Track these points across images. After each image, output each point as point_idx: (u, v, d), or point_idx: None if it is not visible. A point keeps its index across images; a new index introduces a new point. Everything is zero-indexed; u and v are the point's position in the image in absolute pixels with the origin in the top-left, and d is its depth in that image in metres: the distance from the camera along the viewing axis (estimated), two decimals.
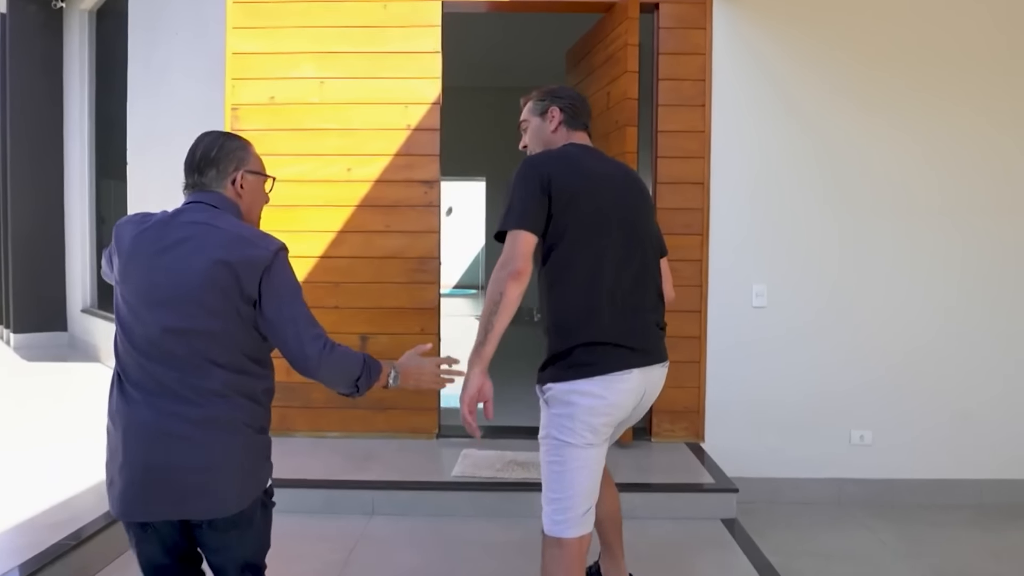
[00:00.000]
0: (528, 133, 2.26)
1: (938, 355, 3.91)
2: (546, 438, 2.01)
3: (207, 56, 4.21)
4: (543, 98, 2.23)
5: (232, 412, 1.64)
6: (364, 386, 1.75)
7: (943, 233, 3.89)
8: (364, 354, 1.76)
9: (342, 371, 1.71)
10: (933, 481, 3.93)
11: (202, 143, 1.80)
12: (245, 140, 1.86)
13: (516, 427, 4.27)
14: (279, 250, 1.68)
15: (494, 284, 1.90)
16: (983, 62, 3.85)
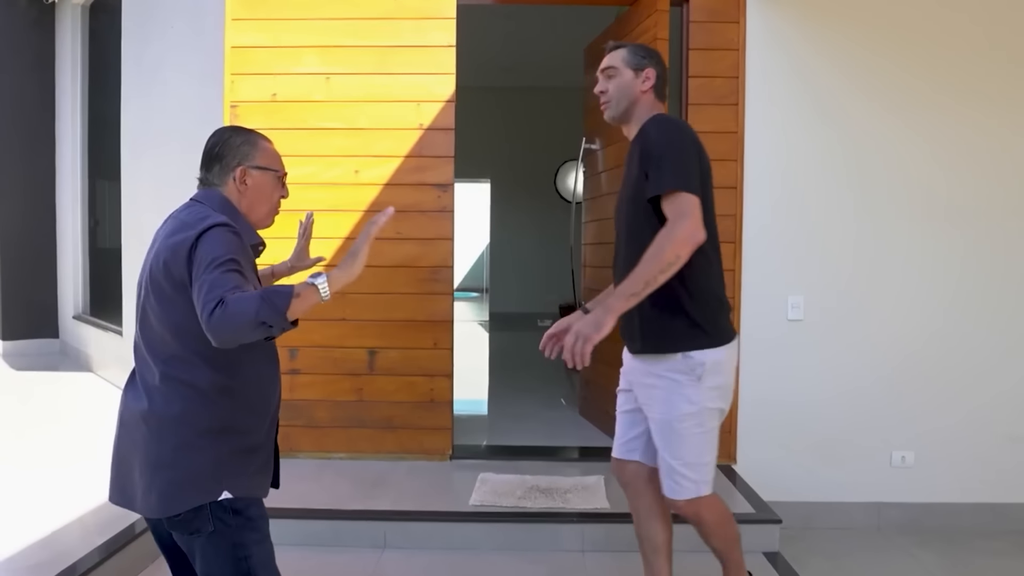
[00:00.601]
0: (613, 83, 2.12)
1: (985, 374, 3.67)
2: (698, 413, 2.02)
3: (204, 51, 3.95)
4: (643, 55, 2.13)
5: (168, 407, 1.58)
6: (273, 317, 1.44)
7: (992, 243, 3.65)
8: (263, 289, 1.48)
9: (239, 323, 1.43)
10: (977, 505, 3.70)
11: (211, 138, 1.77)
12: (256, 135, 1.75)
13: (531, 447, 4.05)
14: (209, 227, 1.56)
15: (675, 244, 1.84)
16: (1016, 63, 3.62)
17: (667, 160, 1.92)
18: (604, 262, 4.24)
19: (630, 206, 2.07)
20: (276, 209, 1.84)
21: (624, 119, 2.16)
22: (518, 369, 6.67)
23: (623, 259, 2.10)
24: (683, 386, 2.01)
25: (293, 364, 3.70)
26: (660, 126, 2.00)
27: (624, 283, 1.87)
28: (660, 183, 1.91)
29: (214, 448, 1.60)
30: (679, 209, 1.88)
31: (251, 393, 1.66)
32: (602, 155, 4.28)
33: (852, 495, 3.70)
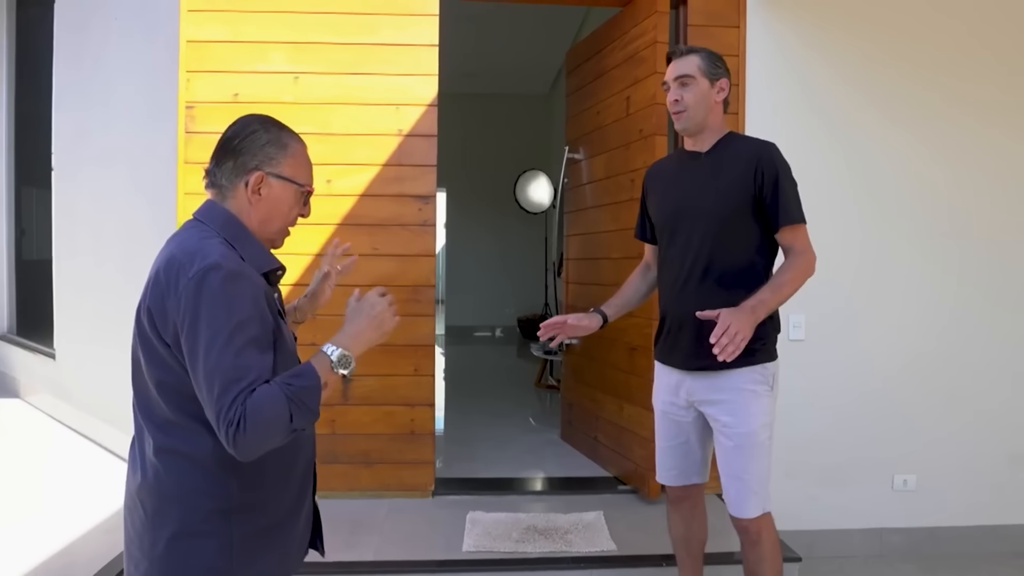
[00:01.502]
0: (690, 93, 2.07)
1: (990, 393, 3.57)
2: (771, 424, 2.05)
3: (154, 45, 3.55)
4: (719, 63, 2.11)
5: (163, 484, 1.28)
6: (307, 419, 1.24)
7: (996, 260, 3.55)
8: (283, 382, 1.22)
9: (268, 438, 1.20)
10: (980, 528, 3.59)
11: (231, 126, 1.43)
12: (287, 134, 1.42)
13: (518, 479, 3.79)
14: (203, 271, 1.23)
15: (807, 274, 2.01)
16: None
17: (794, 192, 2.05)
18: (589, 278, 4.00)
19: (723, 218, 2.06)
20: (289, 229, 1.49)
21: (697, 131, 2.13)
22: (482, 387, 6.38)
23: (702, 262, 2.08)
24: (761, 397, 2.04)
25: None
26: (779, 155, 2.07)
27: (770, 296, 1.92)
28: (791, 215, 2.02)
29: (222, 533, 1.30)
30: (806, 241, 2.05)
31: (266, 461, 1.30)
32: (586, 165, 4.04)
33: (854, 521, 3.56)
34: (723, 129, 2.15)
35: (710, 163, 2.11)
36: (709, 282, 2.05)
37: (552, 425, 4.92)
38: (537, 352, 6.00)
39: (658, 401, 2.27)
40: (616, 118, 3.61)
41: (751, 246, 2.05)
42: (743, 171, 2.04)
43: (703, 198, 2.09)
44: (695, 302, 2.01)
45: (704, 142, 2.14)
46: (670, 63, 2.12)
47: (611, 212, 3.68)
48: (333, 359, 1.29)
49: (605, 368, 3.75)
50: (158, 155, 3.51)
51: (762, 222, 2.05)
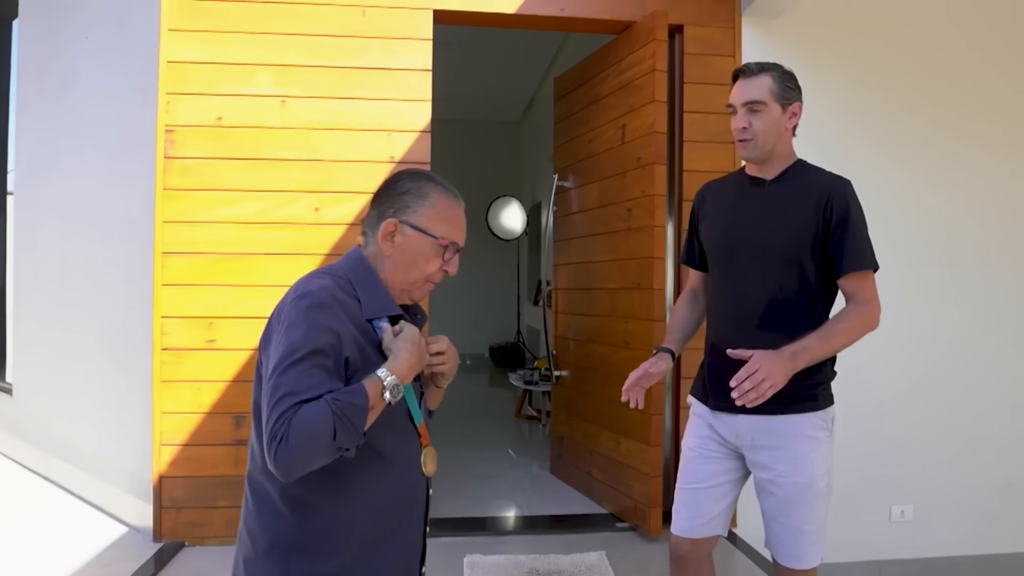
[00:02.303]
0: (760, 120, 1.90)
1: (987, 423, 3.57)
2: (830, 471, 1.94)
3: (130, 64, 3.38)
4: (793, 86, 1.94)
5: (247, 509, 1.35)
6: (350, 438, 1.19)
7: (990, 287, 3.58)
8: (332, 397, 1.19)
9: (312, 451, 1.17)
10: (975, 557, 3.58)
11: (387, 178, 1.46)
12: (434, 187, 1.38)
13: (511, 517, 3.65)
14: (295, 299, 1.28)
15: (868, 326, 1.88)
16: (1018, 106, 3.61)
17: (865, 237, 1.89)
18: (580, 309, 3.92)
19: (787, 255, 1.91)
20: (429, 283, 1.43)
21: (764, 159, 1.96)
22: (460, 418, 6.22)
23: (761, 301, 1.93)
24: (821, 444, 1.92)
25: (239, 434, 3.15)
26: (853, 193, 1.91)
27: (817, 344, 1.80)
28: (860, 260, 1.88)
29: (277, 568, 1.29)
30: (872, 290, 1.90)
31: (339, 509, 1.29)
32: (577, 194, 3.97)
33: (853, 554, 3.51)
34: (791, 156, 1.99)
35: (776, 193, 1.95)
36: (765, 321, 1.90)
37: (536, 457, 4.80)
38: (517, 382, 5.88)
39: (694, 439, 2.07)
40: (611, 146, 3.55)
41: (813, 288, 1.90)
42: (812, 207, 1.88)
43: (767, 232, 1.93)
44: (752, 343, 1.85)
45: (770, 169, 1.97)
46: (736, 81, 1.95)
47: (606, 241, 3.60)
48: (386, 384, 1.24)
49: (599, 401, 3.65)
50: (133, 181, 3.33)
51: (825, 264, 1.89)
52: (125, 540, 3.24)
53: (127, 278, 3.39)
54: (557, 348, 4.17)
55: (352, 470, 1.30)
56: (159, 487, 3.12)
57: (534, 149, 8.60)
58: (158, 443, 3.12)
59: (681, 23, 3.36)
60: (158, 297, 3.12)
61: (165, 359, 3.12)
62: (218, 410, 3.14)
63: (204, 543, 3.13)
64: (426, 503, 1.45)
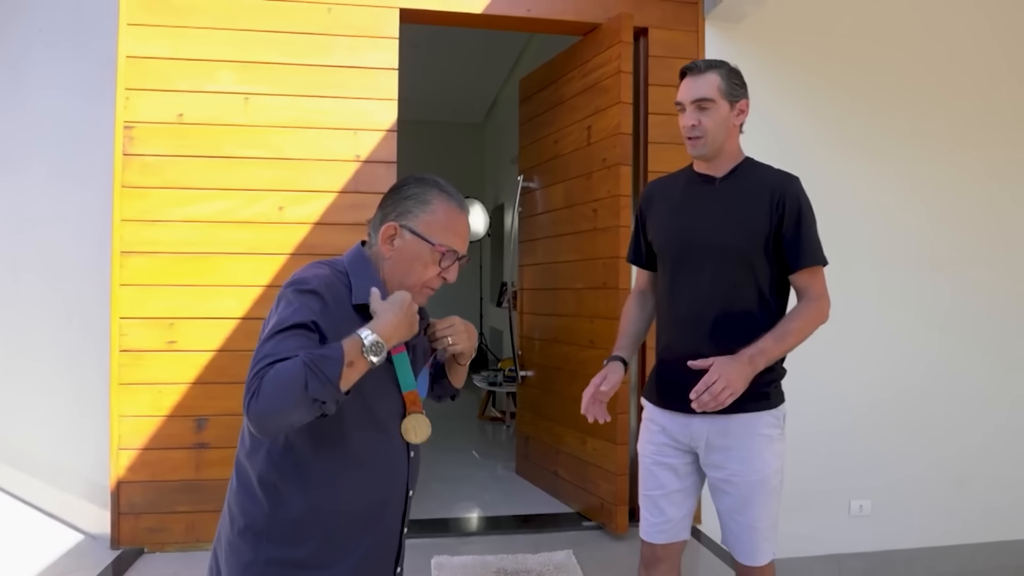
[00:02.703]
0: (709, 118, 1.90)
1: (934, 416, 3.68)
2: (783, 468, 1.94)
3: (85, 59, 3.29)
4: (739, 83, 1.94)
5: (231, 490, 1.38)
6: (322, 388, 1.16)
7: (941, 287, 3.69)
8: (305, 351, 1.19)
9: (283, 400, 1.15)
10: (931, 549, 3.69)
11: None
12: (436, 194, 1.40)
13: (478, 518, 3.64)
14: (288, 284, 1.32)
15: (819, 321, 1.90)
16: (981, 111, 3.74)
17: (816, 233, 1.92)
18: (545, 309, 3.93)
19: (738, 254, 1.91)
20: (430, 289, 1.44)
21: (713, 156, 1.96)
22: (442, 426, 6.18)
23: (714, 301, 1.92)
24: (774, 441, 1.93)
25: (200, 437, 3.08)
26: (803, 190, 1.94)
27: (773, 345, 1.81)
28: (814, 256, 1.91)
29: (249, 551, 1.31)
30: (823, 286, 1.92)
31: (309, 500, 1.31)
32: (542, 195, 3.99)
33: (813, 549, 3.58)
34: (740, 154, 1.99)
35: (726, 191, 1.95)
36: (719, 322, 1.89)
37: (501, 458, 4.80)
38: (481, 384, 5.87)
39: (649, 446, 2.04)
40: (576, 147, 3.58)
41: (765, 286, 1.90)
42: (763, 204, 1.89)
43: (717, 230, 1.92)
44: (705, 343, 1.87)
45: (719, 167, 1.97)
46: (684, 78, 1.94)
47: (572, 242, 3.62)
48: (366, 342, 1.23)
49: (565, 401, 3.66)
50: (89, 178, 3.23)
51: (778, 261, 1.90)
52: (81, 548, 3.15)
53: (84, 278, 3.29)
54: (522, 348, 4.18)
55: (325, 463, 1.31)
56: (117, 492, 3.04)
57: (497, 151, 8.61)
58: (116, 447, 3.04)
59: (646, 26, 3.40)
60: (116, 297, 3.04)
61: (123, 361, 3.04)
62: (179, 413, 3.07)
63: (164, 549, 3.06)
64: (404, 505, 1.45)
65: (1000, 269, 3.76)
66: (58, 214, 3.47)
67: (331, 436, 1.31)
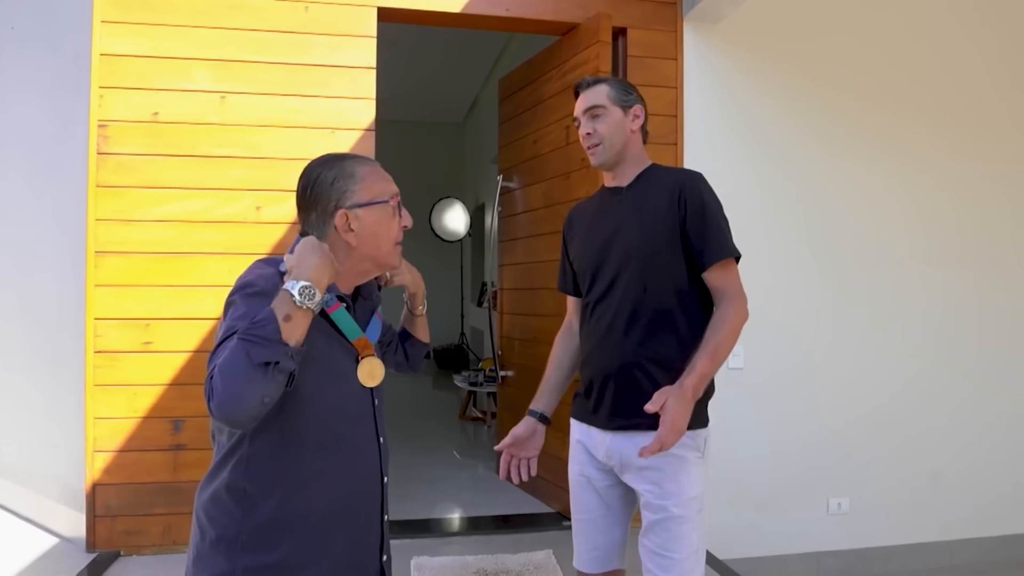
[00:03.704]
0: (603, 124, 1.88)
1: (911, 415, 3.72)
2: (702, 495, 1.80)
3: (59, 57, 3.25)
4: (629, 90, 1.94)
5: (199, 502, 1.34)
6: (263, 349, 1.13)
7: (920, 289, 3.73)
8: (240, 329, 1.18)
9: (235, 380, 1.12)
10: (906, 546, 3.72)
11: (300, 180, 1.42)
12: (349, 162, 1.38)
13: (458, 519, 3.63)
14: (235, 289, 1.30)
15: (741, 313, 1.77)
16: (963, 112, 3.78)
17: (723, 225, 1.83)
18: (525, 308, 3.93)
19: (647, 256, 1.83)
20: (398, 245, 1.45)
21: (614, 163, 1.91)
22: (404, 421, 6.17)
23: (627, 307, 1.84)
24: (690, 464, 1.78)
25: (177, 439, 3.05)
26: (706, 185, 1.86)
27: (708, 365, 1.67)
28: (719, 249, 1.80)
29: (226, 558, 1.28)
30: (737, 283, 1.82)
31: (281, 501, 1.29)
32: (521, 194, 3.99)
33: (792, 546, 3.61)
34: (644, 161, 1.95)
35: (631, 198, 1.90)
36: (636, 329, 1.81)
37: (481, 459, 4.79)
38: (462, 384, 5.86)
39: (575, 465, 1.96)
40: (555, 147, 3.58)
41: (680, 286, 1.81)
42: (666, 203, 1.82)
43: (625, 237, 1.86)
44: (620, 352, 1.82)
45: (624, 176, 1.93)
46: (578, 97, 1.95)
47: (551, 242, 3.62)
48: (294, 291, 1.20)
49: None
50: (62, 177, 3.20)
51: (689, 259, 1.82)
52: (56, 551, 3.10)
53: (57, 278, 3.25)
54: (502, 348, 4.18)
55: (292, 462, 1.30)
56: (92, 495, 3.00)
57: (477, 150, 8.61)
58: (91, 449, 3.00)
59: (624, 26, 3.41)
60: (91, 298, 3.00)
61: (98, 362, 3.01)
62: (155, 414, 3.04)
63: (140, 552, 3.02)
64: (381, 493, 1.43)
65: (986, 271, 3.81)
66: (32, 213, 3.42)
67: (296, 435, 1.30)
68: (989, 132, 3.82)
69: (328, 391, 1.34)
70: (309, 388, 1.28)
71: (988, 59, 3.83)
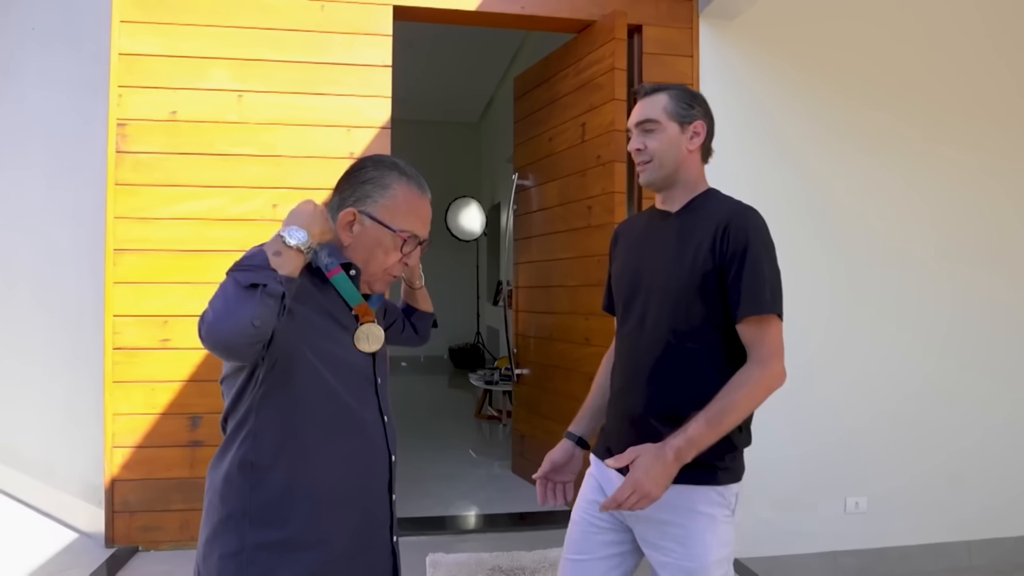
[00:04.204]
0: (655, 140, 1.67)
1: (929, 413, 3.67)
2: (729, 556, 1.62)
3: (79, 56, 3.29)
4: (689, 103, 1.70)
5: (210, 487, 1.33)
6: (255, 275, 1.15)
7: (934, 286, 3.68)
8: None
9: (226, 305, 1.12)
10: (925, 546, 3.68)
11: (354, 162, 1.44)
12: (396, 177, 1.36)
13: (474, 516, 3.64)
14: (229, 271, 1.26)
15: (771, 379, 1.56)
16: (976, 110, 3.72)
17: (766, 274, 1.58)
18: (540, 307, 3.93)
19: (679, 299, 1.63)
20: (390, 276, 1.42)
21: (665, 185, 1.71)
22: (420, 419, 6.19)
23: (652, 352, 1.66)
24: (718, 523, 1.60)
25: (194, 435, 3.08)
26: (756, 224, 1.62)
27: (705, 431, 1.50)
28: (756, 303, 1.56)
29: (236, 535, 1.27)
30: (773, 343, 1.57)
31: (287, 475, 1.28)
32: (537, 192, 3.98)
33: (810, 545, 3.57)
34: (700, 185, 1.73)
35: (677, 228, 1.69)
36: (660, 378, 1.64)
37: (497, 457, 4.79)
38: (478, 382, 5.86)
39: (583, 502, 1.78)
40: (571, 144, 3.57)
41: (715, 336, 1.62)
42: (709, 240, 1.61)
43: (661, 273, 1.68)
44: (642, 402, 1.65)
45: (674, 200, 1.72)
46: (635, 104, 1.75)
47: (566, 239, 3.62)
48: (283, 232, 1.23)
49: (560, 399, 3.66)
50: (83, 176, 3.23)
51: (727, 307, 1.61)
52: (76, 546, 3.14)
53: (77, 276, 3.29)
54: (518, 346, 4.18)
55: (299, 433, 1.29)
56: (111, 491, 3.03)
57: (493, 150, 8.61)
58: (110, 445, 3.03)
59: (640, 23, 3.40)
60: (110, 295, 3.04)
61: (117, 359, 3.04)
62: (172, 411, 3.06)
63: (158, 547, 3.05)
64: (389, 468, 1.42)
65: (999, 270, 3.76)
66: (52, 212, 3.47)
67: (299, 409, 1.29)
68: (1012, 129, 3.77)
69: (329, 363, 1.32)
70: (309, 363, 1.28)
71: (1009, 56, 3.78)
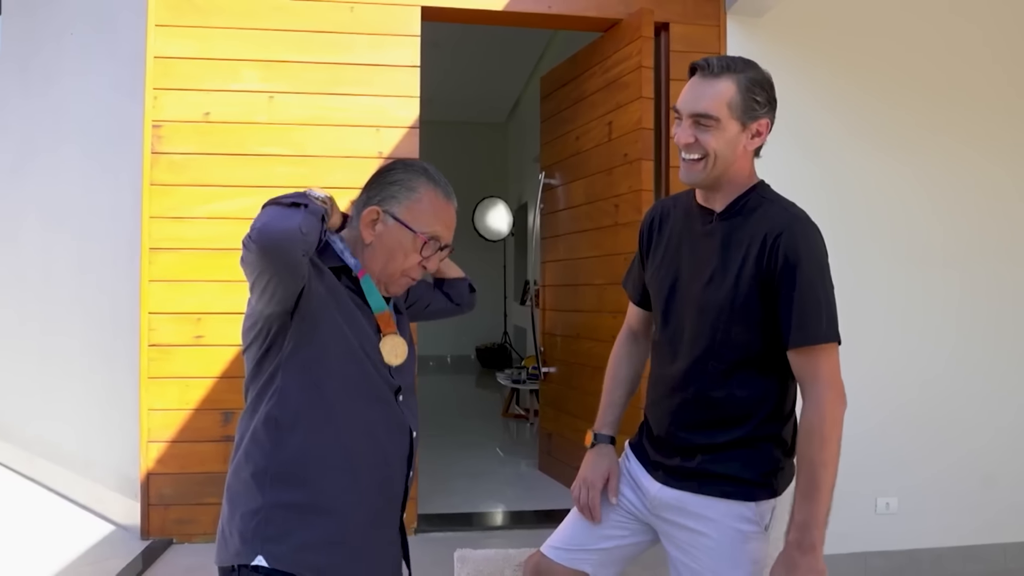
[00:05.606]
0: (711, 139, 1.45)
1: (962, 413, 3.62)
2: (760, 572, 1.54)
3: (115, 60, 3.37)
4: (761, 98, 1.47)
5: (236, 452, 1.35)
6: (291, 199, 1.24)
7: (963, 283, 3.62)
8: None
9: (272, 214, 1.20)
10: (957, 548, 3.62)
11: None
12: (423, 180, 1.38)
13: (501, 512, 3.66)
14: None
15: (836, 416, 1.44)
16: (1001, 109, 3.66)
17: (818, 296, 1.43)
18: (568, 305, 3.94)
19: (725, 316, 1.49)
20: (410, 278, 1.43)
21: (710, 186, 1.53)
22: (448, 418, 6.23)
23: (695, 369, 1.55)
24: (749, 539, 1.51)
25: (227, 430, 3.14)
26: (808, 238, 1.45)
27: (814, 508, 1.42)
28: (816, 332, 1.42)
29: (258, 495, 1.29)
30: (831, 374, 1.44)
31: (304, 436, 1.30)
32: (564, 191, 3.99)
33: (839, 547, 3.52)
34: (749, 180, 1.54)
35: (721, 232, 1.52)
36: (691, 389, 1.54)
37: (524, 455, 4.81)
38: (505, 381, 5.89)
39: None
40: (597, 143, 3.58)
41: (760, 357, 1.50)
42: (756, 253, 1.45)
43: (700, 284, 1.53)
44: (680, 419, 1.56)
45: (717, 199, 1.54)
46: (692, 77, 1.50)
47: (593, 238, 3.63)
48: (306, 191, 1.31)
49: (587, 396, 3.66)
50: (119, 177, 3.32)
51: (774, 327, 1.47)
52: (112, 538, 3.22)
53: (113, 274, 3.37)
54: (545, 345, 4.19)
55: (320, 396, 1.31)
56: (146, 484, 3.10)
57: (520, 150, 8.63)
58: (145, 440, 3.10)
59: (667, 21, 3.39)
60: (145, 293, 3.11)
61: (152, 355, 3.11)
62: (206, 406, 3.12)
63: (192, 540, 3.11)
64: (410, 447, 1.43)
65: (1019, 262, 3.69)
66: (90, 211, 3.55)
67: (325, 366, 1.31)
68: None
69: (353, 327, 1.35)
70: (335, 321, 1.31)
71: None
